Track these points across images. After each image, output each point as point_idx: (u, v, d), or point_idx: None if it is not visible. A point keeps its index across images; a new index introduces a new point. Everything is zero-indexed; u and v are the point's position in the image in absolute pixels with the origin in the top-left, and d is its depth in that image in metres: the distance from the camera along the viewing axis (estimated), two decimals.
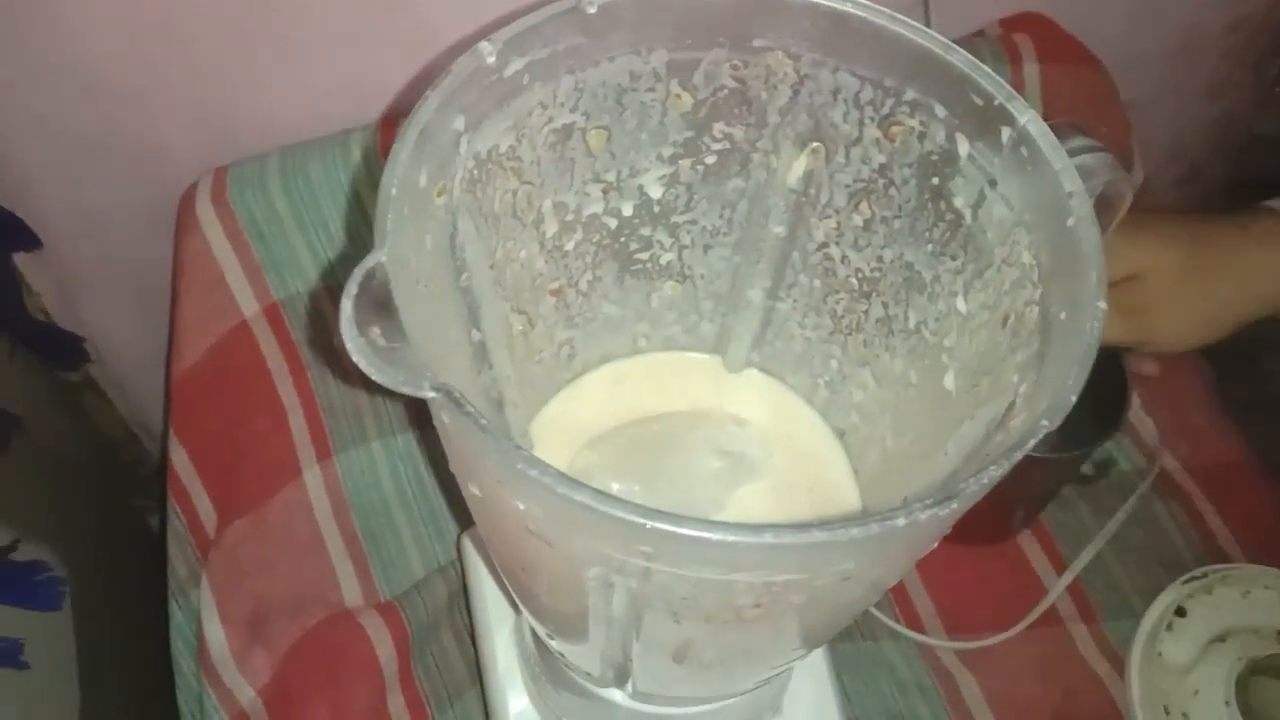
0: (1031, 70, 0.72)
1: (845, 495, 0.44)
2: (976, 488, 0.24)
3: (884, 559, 0.29)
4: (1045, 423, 0.25)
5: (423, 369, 0.25)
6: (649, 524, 0.23)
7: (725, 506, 0.43)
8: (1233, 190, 0.97)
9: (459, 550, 0.59)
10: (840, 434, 0.45)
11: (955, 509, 0.24)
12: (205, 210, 0.67)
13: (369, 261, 0.26)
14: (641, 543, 0.25)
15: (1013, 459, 0.25)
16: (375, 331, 0.25)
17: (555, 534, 0.27)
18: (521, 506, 0.26)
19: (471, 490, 0.30)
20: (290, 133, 0.69)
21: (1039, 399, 0.28)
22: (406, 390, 0.25)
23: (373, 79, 0.68)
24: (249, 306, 0.67)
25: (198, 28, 0.63)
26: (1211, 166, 0.96)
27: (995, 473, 0.25)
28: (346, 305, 0.25)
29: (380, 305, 0.26)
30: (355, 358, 0.25)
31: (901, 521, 0.24)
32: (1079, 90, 0.74)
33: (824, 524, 0.23)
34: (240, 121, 0.69)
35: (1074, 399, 0.26)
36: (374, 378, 0.25)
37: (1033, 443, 0.25)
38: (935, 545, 0.31)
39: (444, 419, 0.27)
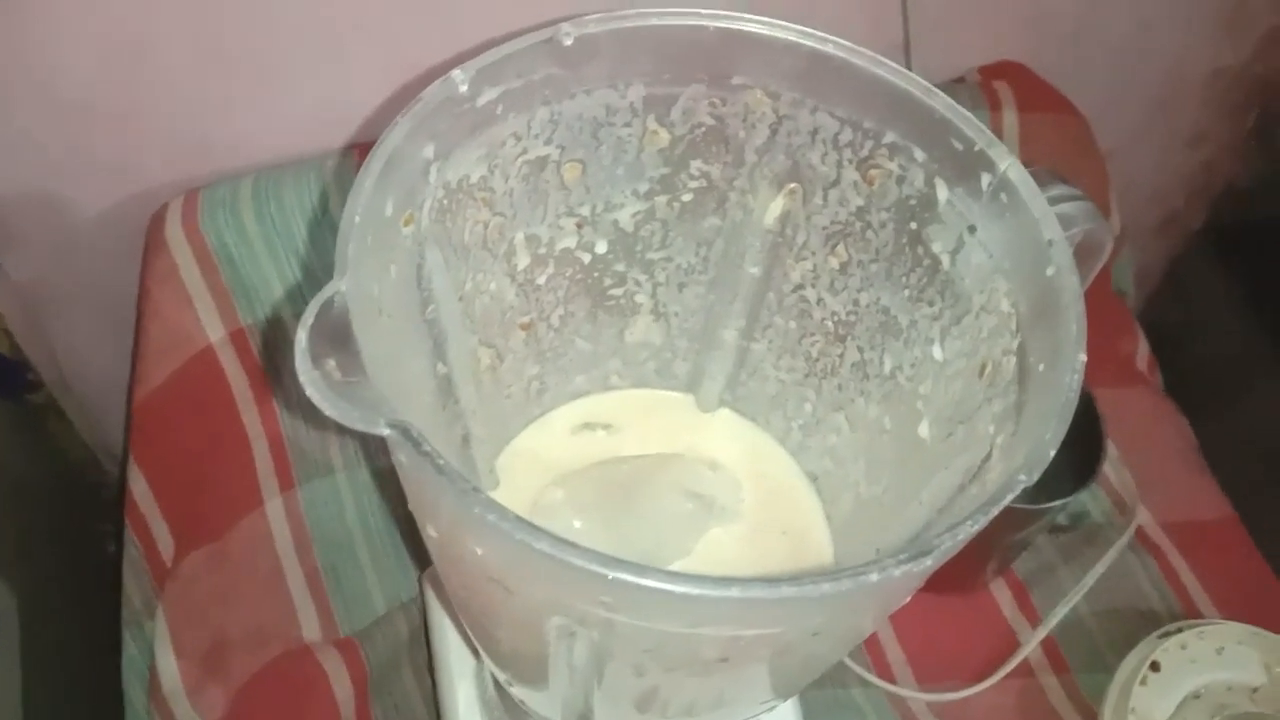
0: (1010, 118, 0.73)
1: (818, 540, 0.43)
2: (951, 544, 0.24)
3: (855, 613, 0.28)
4: (1023, 477, 0.25)
5: (379, 404, 0.24)
6: (610, 574, 0.22)
7: (694, 550, 0.42)
8: (1212, 239, 0.98)
9: (420, 589, 0.58)
10: (813, 478, 0.44)
11: (929, 565, 0.23)
12: (175, 233, 0.66)
13: (327, 291, 0.25)
14: (603, 594, 0.24)
15: (989, 514, 0.24)
16: (331, 364, 0.24)
17: (514, 581, 0.26)
18: (479, 551, 0.25)
19: (429, 532, 0.29)
20: (265, 156, 0.68)
21: (1016, 451, 0.27)
22: (360, 427, 0.24)
23: (350, 103, 0.67)
24: (215, 332, 0.66)
25: (173, 49, 0.62)
26: (1190, 215, 0.96)
27: (971, 528, 0.24)
28: (301, 336, 0.24)
29: (338, 337, 0.25)
30: (309, 391, 0.24)
31: (874, 577, 0.23)
32: (1057, 139, 0.74)
33: (793, 579, 0.22)
34: (215, 144, 0.68)
35: (1052, 453, 0.25)
36: (327, 413, 0.24)
37: (1009, 498, 0.25)
38: (909, 599, 0.30)
39: (401, 457, 0.26)
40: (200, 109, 0.66)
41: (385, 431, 0.24)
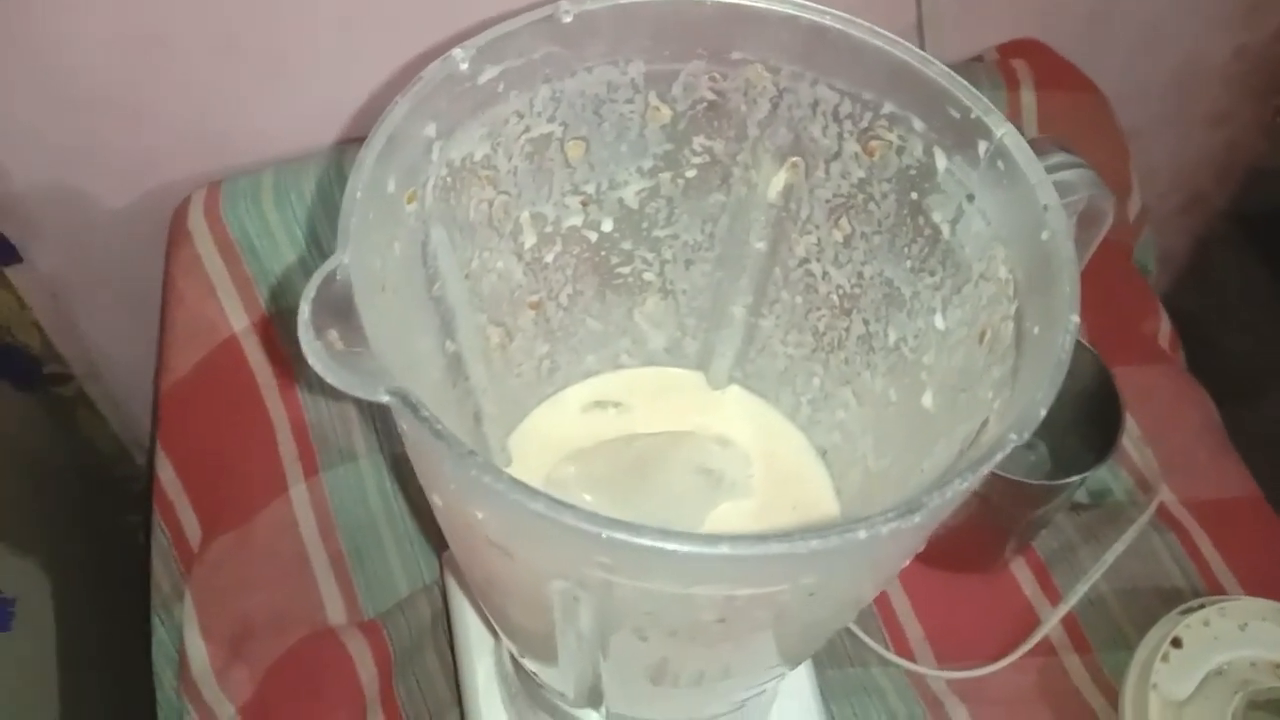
0: (1029, 97, 0.72)
1: (826, 514, 0.43)
2: (940, 501, 0.24)
3: (849, 574, 0.28)
4: (1013, 436, 0.25)
5: (380, 374, 0.25)
6: (604, 533, 0.23)
7: (704, 525, 0.42)
8: (1238, 221, 0.96)
9: (441, 571, 0.59)
10: (823, 453, 0.44)
11: (918, 522, 0.24)
12: (198, 223, 0.67)
13: (330, 264, 0.26)
14: (598, 553, 0.24)
15: (978, 472, 0.24)
16: (333, 335, 0.25)
17: (514, 545, 0.27)
18: (480, 516, 0.26)
19: (435, 500, 0.29)
20: (285, 147, 0.69)
21: (1010, 414, 0.27)
22: (360, 394, 0.24)
23: (366, 95, 0.68)
24: (239, 321, 0.67)
25: (191, 42, 0.63)
26: (1214, 196, 0.95)
27: (961, 486, 0.24)
28: (304, 308, 0.25)
29: (340, 309, 0.26)
30: (311, 360, 0.24)
31: (862, 534, 0.23)
32: (1076, 117, 0.74)
33: (781, 535, 0.23)
34: (235, 136, 0.69)
35: (1043, 412, 0.25)
36: (328, 380, 0.24)
37: (999, 456, 0.25)
38: (907, 562, 0.30)
39: (403, 425, 0.26)
40: (218, 103, 0.67)
41: (385, 398, 0.24)
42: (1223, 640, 0.57)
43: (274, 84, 0.67)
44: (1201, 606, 0.58)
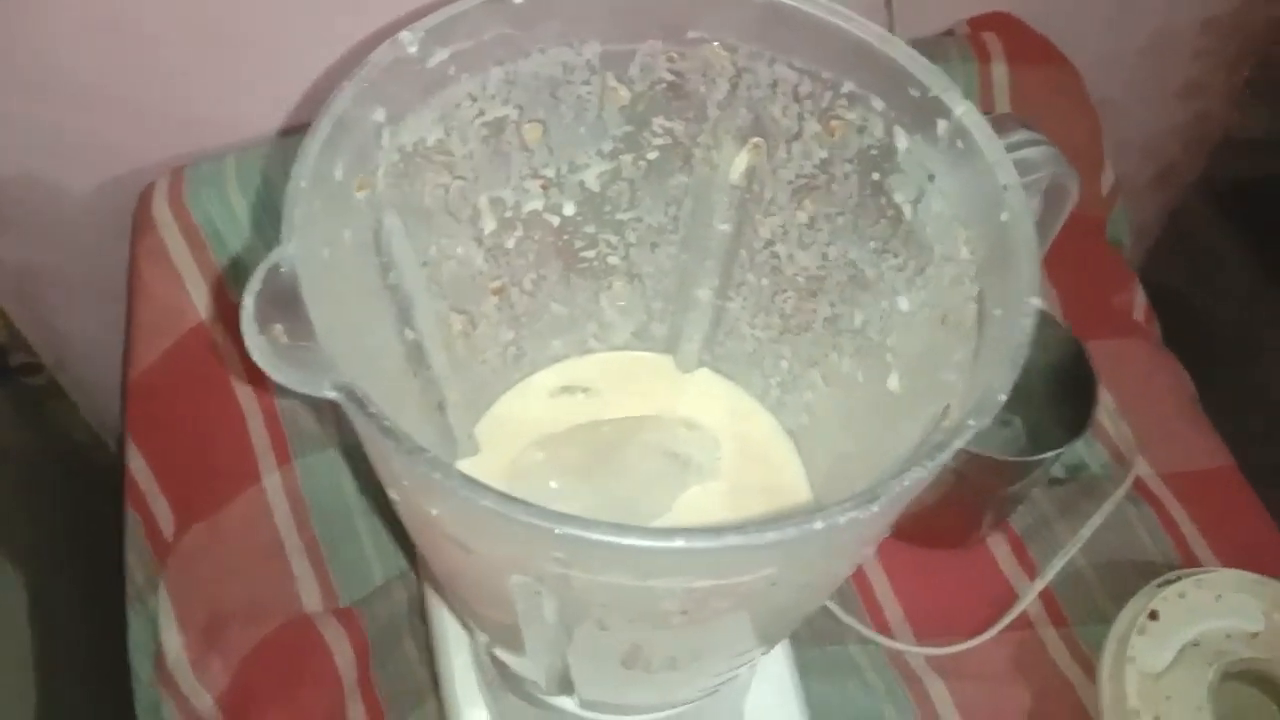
0: (1000, 70, 0.72)
1: (799, 498, 0.43)
2: (899, 489, 0.24)
3: (810, 564, 0.28)
4: (972, 422, 0.24)
5: (327, 368, 0.24)
6: (557, 529, 0.22)
7: (672, 508, 0.42)
8: (1210, 191, 0.96)
9: (416, 557, 0.58)
10: (792, 435, 0.44)
11: (877, 511, 0.23)
12: (162, 211, 0.66)
13: (274, 256, 0.25)
14: (553, 549, 0.24)
15: (936, 459, 0.24)
16: (278, 329, 0.25)
17: (471, 540, 0.26)
18: (434, 512, 0.25)
19: (391, 495, 0.29)
20: (253, 133, 0.68)
21: (969, 396, 0.27)
22: (306, 390, 0.24)
23: (337, 78, 0.67)
24: (206, 308, 0.66)
25: (159, 26, 0.62)
26: (1186, 167, 0.95)
27: (919, 474, 0.24)
28: (248, 301, 0.24)
29: (286, 302, 0.25)
30: (254, 356, 0.24)
31: (819, 525, 0.23)
32: (1048, 90, 0.73)
33: (737, 527, 0.22)
34: (203, 122, 0.68)
35: (1002, 398, 0.25)
36: (272, 376, 0.24)
37: (959, 443, 0.24)
38: (873, 548, 0.30)
39: (354, 421, 0.26)
40: (186, 87, 0.66)
41: (330, 394, 0.24)
42: (1199, 612, 0.58)
43: (242, 68, 0.65)
44: (1178, 579, 0.58)
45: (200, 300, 0.66)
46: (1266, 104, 0.88)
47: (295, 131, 0.69)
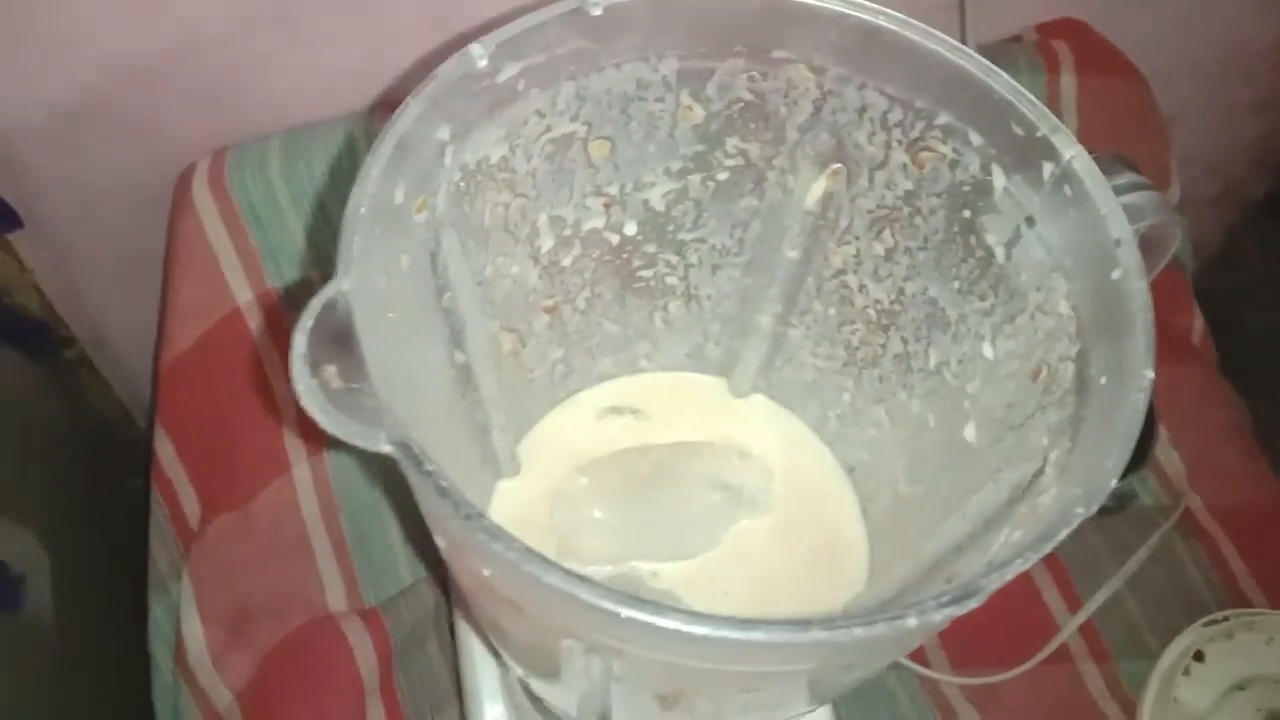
0: (1069, 81, 0.69)
1: (851, 537, 0.41)
2: (999, 583, 0.22)
3: (889, 649, 0.26)
4: (1080, 510, 0.22)
5: (382, 415, 0.23)
6: (623, 612, 0.20)
7: (721, 542, 0.40)
8: (1270, 208, 0.93)
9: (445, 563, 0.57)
10: (850, 470, 0.42)
11: (973, 606, 0.21)
12: (202, 192, 0.65)
13: (328, 291, 0.23)
14: (615, 629, 0.22)
15: (1040, 552, 0.22)
16: (331, 370, 0.23)
17: (524, 604, 0.24)
18: (486, 573, 0.24)
19: (440, 542, 0.27)
20: (297, 115, 0.66)
21: (1071, 472, 0.25)
22: (360, 443, 0.22)
23: (383, 61, 0.65)
24: (243, 294, 0.64)
25: (203, 4, 0.60)
26: (1249, 184, 0.92)
27: (1021, 566, 0.22)
28: (300, 341, 0.23)
29: (340, 339, 0.23)
30: (303, 402, 0.22)
31: (913, 622, 0.21)
32: (1117, 104, 0.70)
33: (825, 621, 0.20)
34: (246, 102, 0.67)
35: (1114, 482, 0.23)
36: (324, 427, 0.22)
37: (1065, 533, 0.22)
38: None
39: (407, 474, 0.24)
40: (232, 66, 0.64)
41: (386, 448, 0.22)
42: (1247, 655, 0.56)
43: (289, 49, 0.64)
44: (1226, 619, 0.57)
45: (237, 286, 0.64)
46: None
47: (355, 113, 0.67)
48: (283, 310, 0.65)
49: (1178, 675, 0.55)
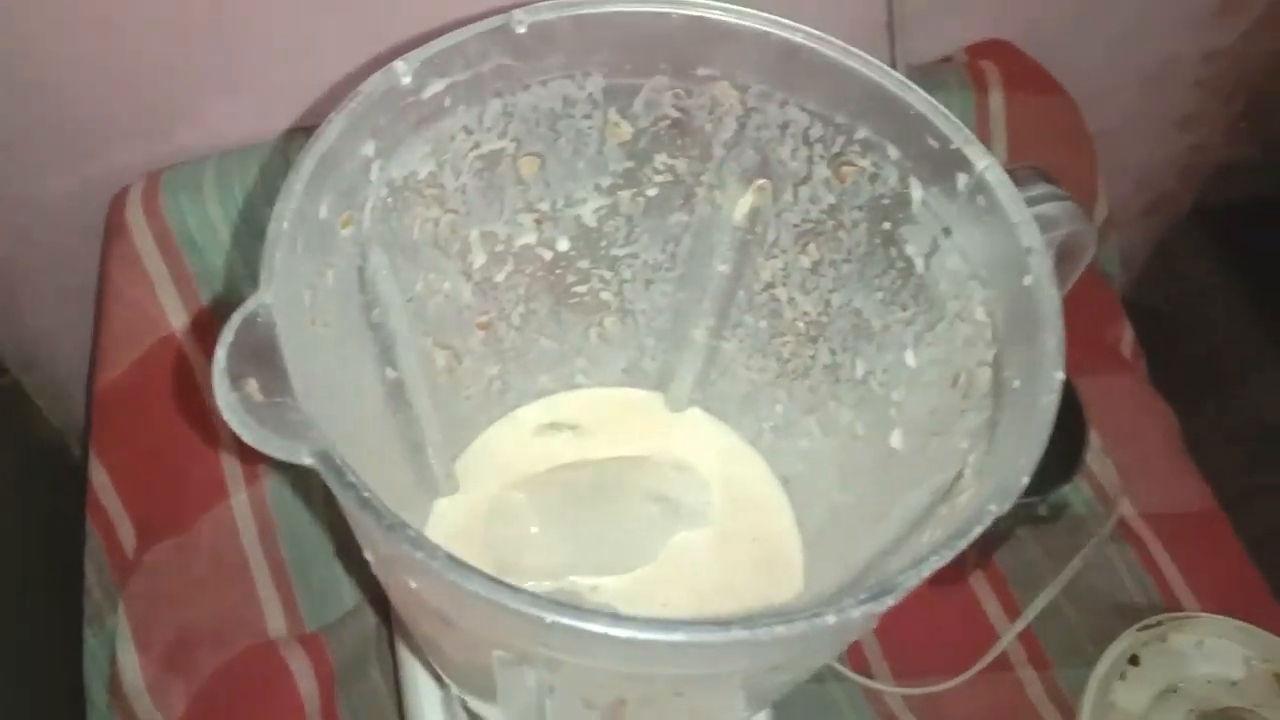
0: (997, 100, 0.71)
1: (788, 548, 0.41)
2: (915, 580, 0.22)
3: (812, 651, 0.26)
4: (993, 508, 0.23)
5: (304, 428, 0.23)
6: (549, 618, 0.21)
7: (659, 555, 0.40)
8: (1199, 221, 0.96)
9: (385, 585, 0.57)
10: (785, 481, 0.43)
11: (890, 603, 0.22)
12: (136, 216, 0.64)
13: (250, 305, 0.23)
14: (543, 635, 0.22)
15: (955, 548, 0.23)
16: (252, 385, 0.23)
17: (453, 615, 0.25)
18: (414, 585, 0.24)
19: (367, 556, 0.27)
20: (233, 138, 0.66)
21: (988, 473, 0.26)
22: (281, 456, 0.22)
23: (320, 84, 0.65)
24: (178, 318, 0.64)
25: (139, 25, 0.59)
26: (1178, 196, 0.95)
27: (935, 563, 0.22)
28: (220, 355, 0.23)
29: (261, 354, 0.23)
30: (225, 415, 0.22)
31: (832, 619, 0.21)
32: (1045, 121, 0.72)
33: (745, 621, 0.21)
34: (182, 125, 0.66)
35: (1025, 481, 0.24)
36: (245, 439, 0.22)
37: (978, 531, 0.23)
38: (874, 626, 0.28)
39: (331, 486, 0.24)
40: (167, 89, 0.64)
41: (308, 460, 0.22)
42: (1180, 658, 0.57)
43: (225, 71, 0.63)
44: (1159, 624, 0.58)
45: (172, 310, 0.64)
46: (1259, 135, 0.88)
47: (291, 133, 0.67)
48: (219, 333, 0.64)
49: (1114, 680, 0.56)
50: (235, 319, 0.23)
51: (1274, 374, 0.92)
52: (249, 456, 0.62)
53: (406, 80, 0.29)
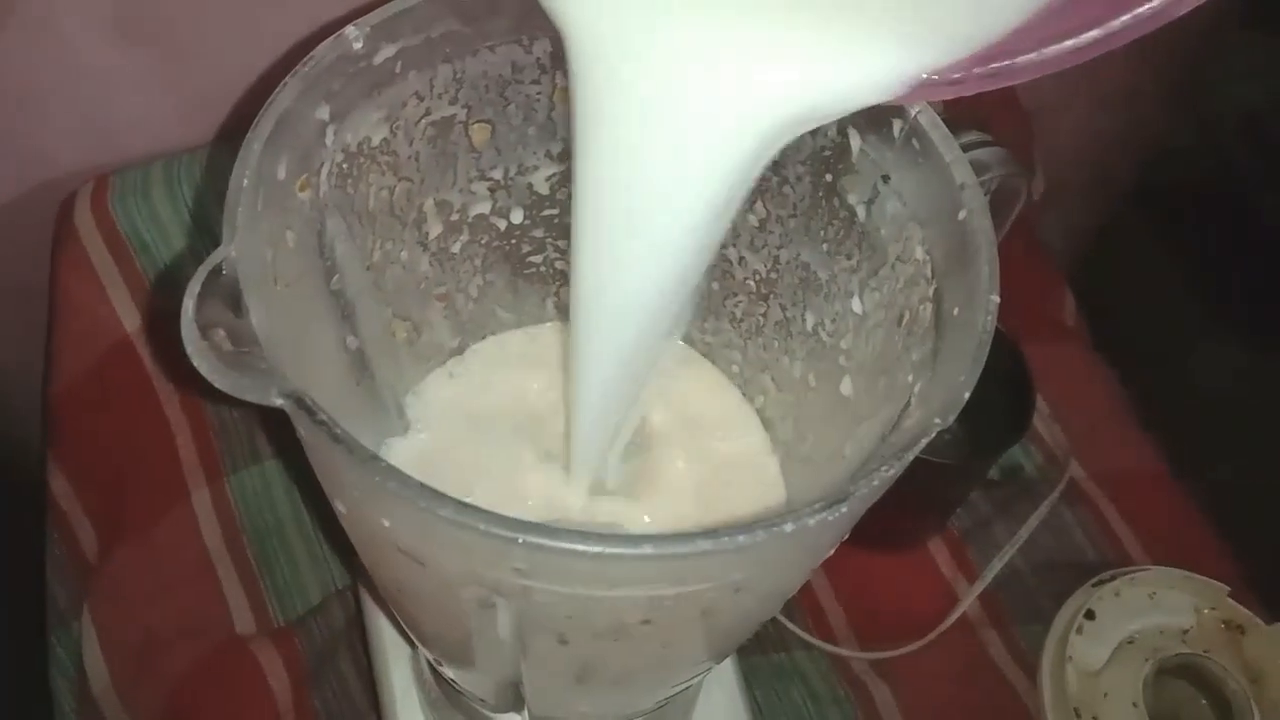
0: None
1: (766, 464, 0.42)
2: (867, 490, 0.23)
3: (776, 567, 0.27)
4: (938, 420, 0.24)
5: (273, 375, 0.23)
6: (520, 538, 0.21)
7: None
8: (1143, 199, 0.98)
9: (353, 574, 0.57)
10: None
11: (846, 513, 0.23)
12: (84, 219, 0.64)
13: (216, 257, 0.24)
14: (515, 559, 0.23)
15: (904, 459, 0.24)
16: (220, 334, 0.23)
17: (425, 552, 0.25)
18: (386, 524, 0.24)
19: (339, 508, 0.28)
20: (181, 141, 0.66)
21: (932, 397, 0.27)
22: (252, 398, 0.23)
23: (267, 82, 0.65)
24: (132, 321, 0.64)
25: (78, 26, 0.59)
26: (1119, 175, 0.97)
27: (887, 474, 0.24)
28: (188, 304, 0.23)
29: (228, 305, 0.24)
30: (195, 362, 0.22)
31: (789, 527, 0.22)
32: (981, 97, 0.74)
33: (707, 532, 0.22)
34: (127, 128, 0.66)
35: (966, 395, 0.25)
36: (216, 384, 0.23)
37: (924, 442, 0.24)
38: (832, 551, 0.30)
39: (301, 431, 0.25)
40: (110, 90, 0.63)
41: (278, 402, 0.23)
42: (1133, 610, 0.59)
43: (169, 71, 0.63)
44: (1112, 578, 0.60)
45: (125, 312, 0.63)
46: (1197, 113, 0.90)
47: (226, 140, 0.67)
48: (174, 335, 0.64)
49: (1072, 634, 0.58)
50: (202, 270, 0.24)
51: (1212, 349, 0.95)
52: (208, 457, 0.61)
53: (358, 45, 0.29)
